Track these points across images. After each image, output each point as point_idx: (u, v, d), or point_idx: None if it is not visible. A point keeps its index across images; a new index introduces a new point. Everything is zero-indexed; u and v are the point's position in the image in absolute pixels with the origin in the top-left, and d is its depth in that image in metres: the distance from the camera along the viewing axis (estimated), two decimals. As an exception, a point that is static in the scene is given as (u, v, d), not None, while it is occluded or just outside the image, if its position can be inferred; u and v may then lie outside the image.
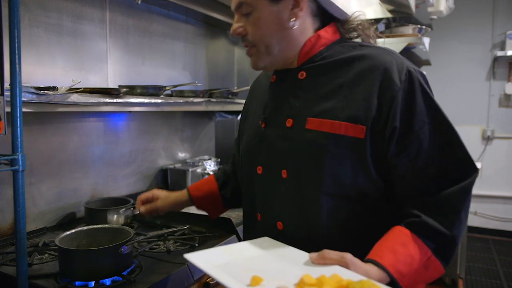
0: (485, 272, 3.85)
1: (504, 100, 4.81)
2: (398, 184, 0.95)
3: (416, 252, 0.88)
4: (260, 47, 1.02)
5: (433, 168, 0.92)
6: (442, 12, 3.61)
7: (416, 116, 0.91)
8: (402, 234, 0.90)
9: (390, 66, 0.93)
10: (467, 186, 0.91)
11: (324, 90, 0.99)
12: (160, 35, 2.31)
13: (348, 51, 1.01)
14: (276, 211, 1.04)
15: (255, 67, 1.07)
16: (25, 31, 1.58)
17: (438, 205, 0.91)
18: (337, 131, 0.93)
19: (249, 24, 1.02)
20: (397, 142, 0.91)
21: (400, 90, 0.91)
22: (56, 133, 1.75)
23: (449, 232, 0.89)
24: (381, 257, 0.85)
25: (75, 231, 1.33)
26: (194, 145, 2.66)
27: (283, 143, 1.02)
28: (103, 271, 1.20)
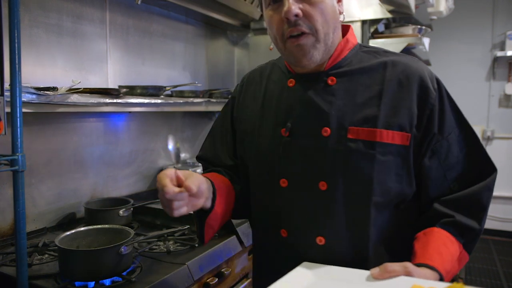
0: (485, 272, 3.85)
1: (504, 100, 4.81)
2: (427, 185, 0.98)
3: (454, 249, 0.93)
4: (320, 34, 0.93)
5: (458, 169, 0.97)
6: (442, 13, 3.61)
7: (446, 123, 0.96)
8: (441, 235, 0.94)
9: (423, 74, 0.96)
10: (490, 184, 0.98)
11: (361, 97, 0.96)
12: (160, 36, 2.31)
13: (373, 57, 1.00)
14: (314, 225, 0.97)
15: (308, 57, 0.94)
16: (25, 31, 1.58)
17: (467, 202, 0.96)
18: (385, 140, 0.93)
19: (312, 7, 0.91)
20: (431, 147, 0.95)
21: (436, 98, 0.95)
22: (56, 133, 1.75)
23: (479, 226, 0.96)
24: (431, 260, 0.88)
25: (75, 232, 1.33)
26: (194, 145, 2.66)
27: (320, 154, 0.96)
28: (103, 271, 1.20)
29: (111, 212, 1.71)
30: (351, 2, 2.57)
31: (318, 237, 0.96)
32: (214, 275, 1.49)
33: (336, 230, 0.95)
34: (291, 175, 0.99)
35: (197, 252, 1.47)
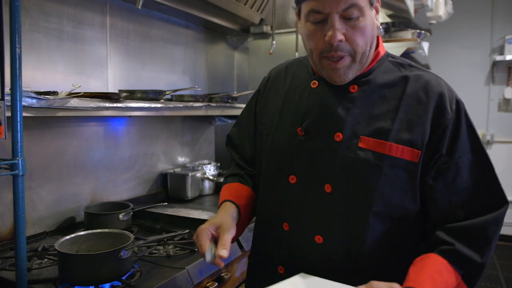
0: (486, 277, 3.84)
1: (503, 105, 4.82)
2: (431, 207, 0.97)
3: (450, 279, 0.90)
4: (358, 56, 0.95)
5: (466, 196, 0.94)
6: (441, 17, 3.63)
7: (459, 145, 0.94)
8: (437, 262, 0.91)
9: (443, 93, 0.96)
10: (498, 217, 0.94)
11: (378, 109, 0.97)
12: (160, 40, 2.31)
13: (398, 70, 1.01)
14: (315, 224, 1.00)
15: (342, 78, 0.98)
16: (26, 35, 1.59)
17: (471, 234, 0.93)
18: (394, 154, 0.94)
19: (354, 30, 0.93)
20: (438, 167, 0.94)
21: (451, 119, 0.94)
22: (56, 137, 1.75)
23: (481, 260, 0.92)
24: (421, 285, 0.86)
25: (74, 236, 1.33)
26: (194, 150, 2.66)
27: (329, 157, 0.98)
28: (103, 275, 1.20)
29: (110, 216, 1.71)
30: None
31: (317, 235, 0.99)
32: (214, 279, 1.49)
33: (335, 232, 0.98)
34: (300, 173, 1.02)
35: (197, 257, 1.46)
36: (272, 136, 1.11)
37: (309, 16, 0.96)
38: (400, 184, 0.94)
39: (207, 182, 2.40)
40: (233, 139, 1.30)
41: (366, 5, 0.92)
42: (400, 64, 1.03)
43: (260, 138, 1.17)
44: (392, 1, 2.34)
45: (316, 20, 0.94)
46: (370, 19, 0.94)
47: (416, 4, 2.78)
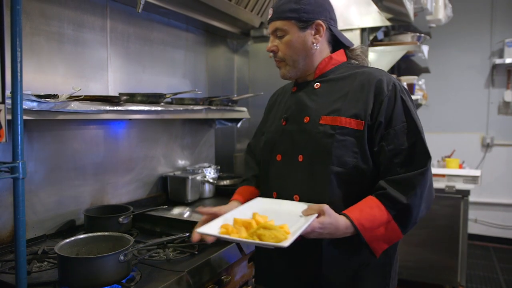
0: (486, 279, 3.83)
1: (503, 108, 4.83)
2: (379, 166, 1.25)
3: (378, 214, 1.18)
4: (289, 61, 1.35)
5: (401, 156, 1.22)
6: (441, 20, 3.63)
7: (394, 116, 1.23)
8: (370, 200, 1.20)
9: (381, 79, 1.28)
10: (424, 170, 1.20)
11: (335, 96, 1.31)
12: (160, 43, 2.32)
13: (351, 69, 1.36)
14: (293, 187, 1.32)
15: (283, 76, 1.39)
16: (27, 39, 1.59)
17: (400, 182, 1.20)
18: (343, 124, 1.25)
19: (282, 44, 1.34)
20: (380, 133, 1.24)
21: (386, 96, 1.25)
22: (56, 140, 1.76)
23: (406, 201, 1.17)
24: (350, 212, 1.18)
25: (74, 239, 1.33)
26: (194, 153, 2.66)
27: (301, 135, 1.32)
28: (102, 279, 1.20)
29: (110, 219, 1.71)
30: (351, 10, 2.59)
31: (295, 195, 1.31)
32: (214, 282, 1.49)
33: (307, 190, 1.29)
34: (283, 151, 1.36)
35: (197, 260, 1.46)
36: (267, 131, 1.47)
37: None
38: (350, 148, 1.24)
39: (207, 185, 2.40)
40: (254, 146, 1.62)
41: (290, 28, 1.31)
42: (354, 67, 1.37)
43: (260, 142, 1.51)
44: (392, 4, 2.35)
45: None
46: (296, 37, 1.32)
47: (416, 8, 2.79)
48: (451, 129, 4.98)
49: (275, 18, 1.33)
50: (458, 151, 4.50)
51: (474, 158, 4.86)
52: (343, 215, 1.16)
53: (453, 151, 4.43)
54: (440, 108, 5.02)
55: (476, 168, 4.60)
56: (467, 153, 4.75)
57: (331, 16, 1.36)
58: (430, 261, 3.36)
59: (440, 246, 3.35)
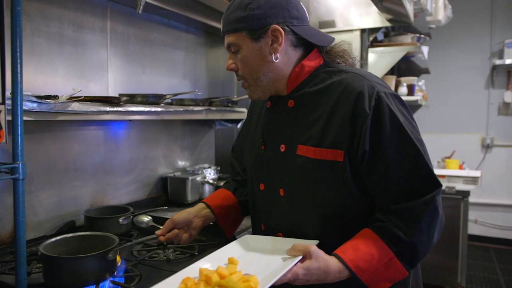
0: (486, 280, 3.83)
1: (503, 108, 4.83)
2: (374, 197, 1.07)
3: (377, 252, 0.99)
4: (250, 81, 1.15)
5: (399, 184, 1.02)
6: (441, 21, 3.64)
7: (383, 139, 1.01)
8: (367, 235, 1.02)
9: (361, 92, 1.03)
10: (428, 199, 1.00)
11: (309, 119, 1.11)
12: (160, 44, 2.32)
13: (329, 77, 1.12)
14: (277, 223, 1.19)
15: (251, 97, 1.20)
16: (27, 40, 1.59)
17: (401, 214, 1.01)
18: (320, 157, 1.06)
19: (238, 61, 1.14)
20: (367, 162, 1.03)
21: (368, 116, 1.01)
22: (56, 141, 1.76)
23: (408, 239, 0.99)
24: (343, 252, 0.99)
25: (61, 238, 1.31)
26: (194, 153, 2.66)
27: (279, 166, 1.16)
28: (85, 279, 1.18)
29: (110, 220, 1.71)
30: (351, 11, 2.59)
31: (279, 233, 1.18)
32: (214, 283, 1.48)
33: (290, 228, 1.15)
34: (265, 181, 1.21)
35: (197, 260, 1.46)
36: (249, 151, 1.32)
37: None
38: (332, 182, 1.06)
39: (207, 186, 2.40)
40: (236, 148, 1.51)
41: (242, 41, 1.10)
42: (331, 72, 1.13)
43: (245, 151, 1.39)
44: (392, 5, 2.35)
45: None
46: (250, 51, 1.10)
47: (416, 9, 2.80)
48: (451, 130, 4.98)
49: (225, 32, 1.14)
50: (458, 152, 4.50)
51: (474, 159, 4.86)
52: (335, 256, 0.98)
53: (453, 152, 4.43)
54: (440, 109, 5.02)
55: (476, 169, 4.60)
56: (467, 154, 4.75)
57: (292, 15, 1.10)
58: (430, 262, 3.36)
59: (440, 247, 3.35)
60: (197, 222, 1.32)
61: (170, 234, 1.30)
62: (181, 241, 1.30)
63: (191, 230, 1.32)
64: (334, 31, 2.64)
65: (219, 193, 1.43)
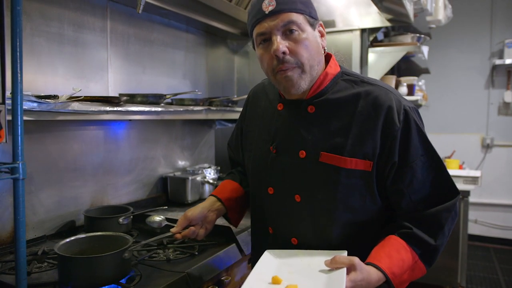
0: (486, 280, 3.83)
1: (503, 108, 4.83)
2: (396, 206, 1.13)
3: (407, 257, 1.06)
4: (306, 67, 1.07)
5: (423, 192, 1.09)
6: (441, 21, 3.64)
7: (411, 151, 1.07)
8: (396, 242, 1.07)
9: (391, 106, 1.07)
10: (450, 206, 1.09)
11: (334, 126, 1.10)
12: (160, 44, 2.32)
13: (351, 87, 1.13)
14: (290, 228, 1.18)
15: (296, 87, 1.08)
16: (27, 40, 1.59)
17: (427, 220, 1.09)
18: (348, 166, 1.07)
19: (296, 44, 1.05)
20: (394, 173, 1.08)
21: (399, 130, 1.05)
22: (56, 141, 1.76)
23: (434, 242, 1.08)
24: (379, 261, 1.02)
25: (74, 239, 1.32)
26: (194, 153, 2.66)
27: (296, 171, 1.14)
28: (101, 278, 1.19)
29: (110, 220, 1.71)
30: (351, 11, 2.59)
31: (293, 238, 1.17)
32: (214, 283, 1.49)
33: (306, 234, 1.15)
34: (276, 185, 1.19)
35: (197, 260, 1.46)
36: (253, 153, 1.29)
37: (257, 41, 1.10)
38: (357, 191, 1.09)
39: (207, 185, 2.40)
40: (231, 143, 1.52)
41: (304, 23, 1.06)
42: (353, 82, 1.14)
43: (245, 153, 1.36)
44: (392, 5, 2.35)
45: (263, 42, 1.08)
46: (311, 36, 1.07)
47: (416, 8, 2.79)
48: (451, 129, 4.98)
49: (286, 9, 1.03)
50: (458, 151, 4.50)
51: (474, 159, 4.86)
52: (372, 265, 1.01)
53: (453, 151, 4.43)
54: (440, 108, 5.01)
55: (476, 169, 4.60)
56: (467, 153, 4.75)
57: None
58: (430, 262, 3.36)
59: (440, 247, 3.35)
60: (211, 216, 1.32)
61: (187, 232, 1.27)
62: (198, 236, 1.29)
63: (207, 225, 1.31)
64: (334, 31, 2.64)
65: (226, 185, 1.42)
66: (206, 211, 1.31)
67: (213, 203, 1.34)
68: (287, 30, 1.04)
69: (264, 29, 1.06)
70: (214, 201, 1.35)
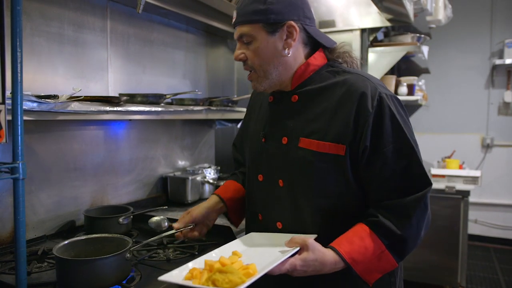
0: (486, 280, 3.83)
1: (503, 108, 4.83)
2: (367, 191, 1.14)
3: (370, 245, 1.06)
4: (259, 72, 1.18)
5: (394, 180, 1.09)
6: (441, 21, 3.64)
7: (383, 137, 1.08)
8: (361, 229, 1.09)
9: (364, 92, 1.10)
10: (420, 196, 1.08)
11: (313, 113, 1.16)
12: (160, 44, 2.32)
13: (332, 77, 1.18)
14: (275, 213, 1.23)
15: (256, 89, 1.23)
16: (27, 40, 1.60)
17: (394, 210, 1.08)
18: (322, 150, 1.12)
19: (249, 52, 1.17)
20: (366, 159, 1.09)
21: (371, 115, 1.08)
22: (56, 141, 1.76)
23: (400, 232, 1.06)
24: (339, 245, 1.05)
25: (73, 240, 1.32)
26: (194, 153, 2.66)
27: (280, 157, 1.20)
28: (101, 281, 1.19)
29: (110, 220, 1.71)
30: (351, 11, 2.59)
31: (278, 222, 1.22)
32: (214, 283, 1.48)
33: (289, 218, 1.20)
34: (264, 172, 1.26)
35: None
36: (249, 144, 1.36)
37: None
38: (332, 175, 1.12)
39: (207, 185, 2.40)
40: (236, 142, 1.57)
41: (257, 32, 1.14)
42: (335, 72, 1.19)
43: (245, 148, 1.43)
44: (392, 5, 2.35)
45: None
46: (265, 43, 1.14)
47: (416, 8, 2.80)
48: (451, 129, 4.98)
49: (239, 23, 1.18)
50: (458, 151, 4.50)
51: (474, 159, 4.86)
52: (331, 249, 1.04)
53: (453, 151, 4.43)
54: (440, 108, 5.01)
55: (476, 169, 4.59)
56: (467, 153, 4.74)
57: (306, 14, 1.17)
58: (430, 262, 3.36)
59: (440, 247, 3.35)
60: (214, 215, 1.41)
61: (190, 233, 1.36)
62: (200, 235, 1.37)
63: (208, 223, 1.40)
64: (334, 31, 2.64)
65: (230, 185, 1.47)
66: (210, 211, 1.38)
67: (216, 204, 1.41)
68: (242, 40, 1.18)
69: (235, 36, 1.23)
70: (217, 202, 1.41)
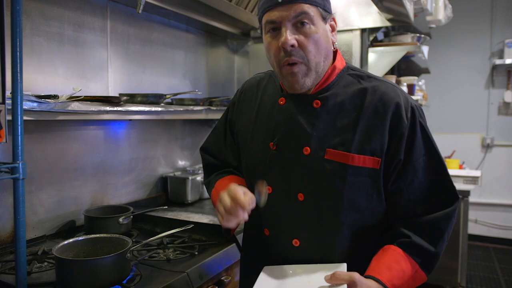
0: (486, 280, 3.83)
1: (503, 108, 4.83)
2: (395, 205, 1.07)
3: (407, 267, 1.01)
4: (311, 64, 1.02)
5: (423, 194, 1.05)
6: (441, 21, 3.63)
7: (415, 149, 1.03)
8: (395, 252, 1.02)
9: (399, 102, 1.03)
10: (450, 212, 1.05)
11: (340, 121, 1.05)
12: (160, 44, 2.32)
13: (357, 82, 1.09)
14: (291, 229, 1.10)
15: (301, 84, 1.04)
16: (27, 39, 1.59)
17: (426, 227, 1.04)
18: (356, 163, 1.02)
19: (305, 38, 1.00)
20: (397, 170, 1.04)
21: (406, 127, 1.02)
22: (56, 141, 1.76)
23: (434, 250, 1.03)
24: (379, 273, 0.98)
25: (72, 241, 1.31)
26: (194, 153, 2.66)
27: (299, 169, 1.07)
28: (100, 281, 1.19)
29: (110, 220, 1.71)
30: (351, 11, 2.59)
31: (294, 239, 1.09)
32: (214, 283, 1.49)
33: (309, 235, 1.08)
34: (275, 184, 1.10)
35: (197, 260, 1.46)
36: (247, 149, 1.20)
37: (266, 28, 1.04)
38: (364, 190, 1.04)
39: (207, 185, 2.40)
40: (210, 148, 1.38)
41: (316, 16, 1.00)
42: (359, 76, 1.10)
43: (238, 148, 1.26)
44: (392, 5, 2.35)
45: (272, 31, 1.03)
46: (322, 31, 1.02)
47: (416, 8, 2.79)
48: (451, 129, 4.98)
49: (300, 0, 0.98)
50: (458, 151, 4.50)
51: (474, 159, 4.86)
52: (372, 279, 0.97)
53: (453, 151, 4.43)
54: (440, 108, 5.01)
55: (476, 169, 4.60)
56: (467, 153, 4.75)
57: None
58: (430, 262, 3.36)
59: (440, 247, 3.35)
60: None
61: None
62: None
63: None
64: (334, 31, 2.63)
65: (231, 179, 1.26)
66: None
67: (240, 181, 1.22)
68: (299, 22, 0.99)
69: (274, 18, 1.00)
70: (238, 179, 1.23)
